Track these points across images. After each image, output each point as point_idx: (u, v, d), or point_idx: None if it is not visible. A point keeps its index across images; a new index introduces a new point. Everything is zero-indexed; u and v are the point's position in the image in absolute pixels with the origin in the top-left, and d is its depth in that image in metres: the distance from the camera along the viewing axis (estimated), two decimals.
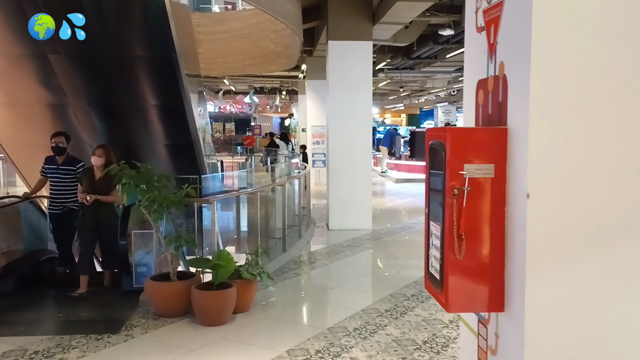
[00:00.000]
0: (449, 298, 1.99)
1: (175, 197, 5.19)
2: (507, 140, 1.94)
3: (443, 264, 2.00)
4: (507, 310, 1.99)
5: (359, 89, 9.00)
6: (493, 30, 2.06)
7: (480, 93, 2.18)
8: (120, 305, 5.32)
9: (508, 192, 1.95)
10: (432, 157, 2.12)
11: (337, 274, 6.64)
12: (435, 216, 2.10)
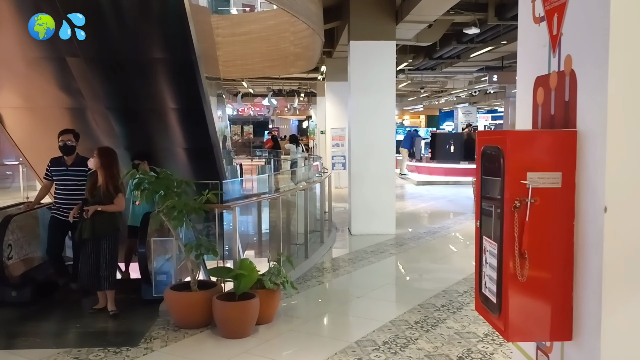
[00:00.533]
0: (508, 325, 1.75)
1: (196, 203, 5.00)
2: (577, 144, 1.69)
3: (501, 286, 1.76)
4: (576, 339, 1.74)
5: (381, 90, 8.76)
6: (556, 19, 1.82)
7: (539, 91, 1.94)
8: (139, 316, 5.14)
9: (578, 204, 1.70)
10: (486, 164, 1.88)
11: (361, 282, 6.40)
12: (490, 231, 1.86)
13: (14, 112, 8.08)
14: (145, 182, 4.96)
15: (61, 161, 5.71)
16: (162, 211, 4.91)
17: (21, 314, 5.15)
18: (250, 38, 13.96)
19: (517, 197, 1.68)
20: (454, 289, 5.97)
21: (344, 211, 11.08)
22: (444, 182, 16.99)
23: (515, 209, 1.68)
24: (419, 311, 5.20)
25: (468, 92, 24.42)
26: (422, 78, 18.93)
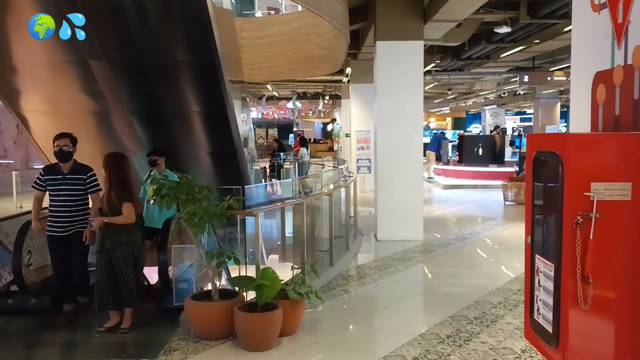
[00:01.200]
0: None
1: (217, 209, 4.83)
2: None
3: (559, 314, 1.52)
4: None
5: (408, 92, 8.50)
6: (622, 6, 1.57)
7: (600, 88, 1.69)
8: (159, 325, 4.99)
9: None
10: (539, 172, 1.64)
11: (389, 291, 6.14)
12: (544, 249, 1.62)
13: (39, 117, 8.07)
14: (165, 187, 4.80)
15: (56, 169, 5.06)
16: (183, 217, 4.75)
17: (40, 323, 5.04)
18: (274, 40, 13.86)
19: (579, 211, 1.44)
20: (486, 299, 5.68)
21: (369, 216, 10.83)
22: (472, 185, 16.62)
23: (577, 225, 1.44)
24: (450, 324, 4.94)
25: (496, 94, 23.92)
26: (449, 79, 18.55)
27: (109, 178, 4.75)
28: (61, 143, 5.03)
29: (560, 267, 1.49)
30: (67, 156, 5.04)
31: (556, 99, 24.67)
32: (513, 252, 8.18)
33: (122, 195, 4.71)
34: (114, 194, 4.70)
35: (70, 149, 5.06)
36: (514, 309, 5.37)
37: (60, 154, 5.01)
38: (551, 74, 15.30)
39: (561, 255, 1.48)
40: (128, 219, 4.74)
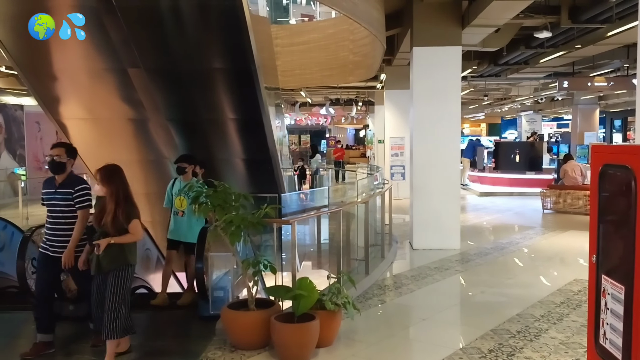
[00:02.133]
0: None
1: (254, 218, 4.79)
2: None
3: (631, 340, 1.41)
4: None
5: (446, 98, 8.35)
6: None
7: None
8: (195, 334, 4.98)
9: None
10: (606, 186, 1.54)
11: (426, 302, 6.01)
12: (612, 269, 1.51)
13: (78, 124, 8.20)
14: (202, 195, 4.79)
15: (52, 182, 4.56)
16: (220, 226, 4.73)
17: (78, 330, 5.08)
18: (309, 47, 13.87)
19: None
20: (529, 312, 5.49)
21: (403, 223, 10.68)
22: (508, 193, 16.27)
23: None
24: (492, 337, 4.78)
25: (533, 100, 23.43)
26: (485, 85, 18.23)
27: (115, 194, 4.14)
28: (54, 153, 4.53)
29: (632, 290, 1.37)
30: (58, 167, 4.50)
31: (595, 105, 24.03)
32: (553, 262, 7.93)
33: (130, 212, 4.19)
34: (121, 212, 4.13)
35: (62, 160, 4.51)
36: (557, 323, 5.18)
37: (51, 165, 4.52)
38: (592, 80, 14.89)
39: (634, 277, 1.37)
40: (136, 237, 4.28)
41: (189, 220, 5.72)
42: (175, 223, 5.87)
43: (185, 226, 5.77)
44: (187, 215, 5.72)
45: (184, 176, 5.89)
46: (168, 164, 8.57)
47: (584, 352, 4.44)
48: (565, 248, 8.79)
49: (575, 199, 12.37)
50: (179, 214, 5.80)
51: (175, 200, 5.85)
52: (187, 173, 5.88)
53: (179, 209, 5.81)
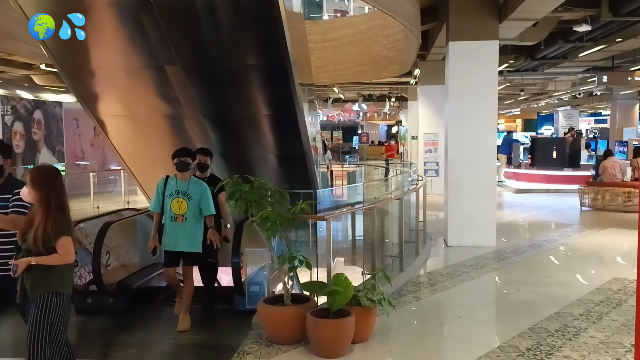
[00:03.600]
0: None
1: (289, 214, 4.83)
2: None
3: None
4: None
5: (482, 93, 8.22)
6: None
7: None
8: (231, 328, 5.05)
9: None
10: None
11: (462, 299, 5.95)
12: None
13: (116, 120, 8.36)
14: (239, 191, 4.84)
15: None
16: (256, 221, 4.78)
17: (117, 323, 5.21)
18: (342, 43, 13.83)
19: None
20: (567, 311, 5.39)
21: (437, 220, 10.60)
22: (544, 190, 15.95)
23: None
24: (529, 336, 4.71)
25: (571, 95, 22.87)
26: (522, 80, 17.86)
27: (45, 201, 3.26)
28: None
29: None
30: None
31: (635, 100, 23.31)
32: (591, 261, 7.76)
33: (60, 226, 3.25)
34: (51, 225, 3.23)
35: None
36: (597, 322, 5.07)
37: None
38: (632, 74, 14.43)
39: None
40: (65, 258, 3.28)
41: (193, 226, 5.05)
42: (172, 231, 5.02)
43: (187, 234, 5.03)
44: (190, 221, 5.03)
45: (182, 174, 5.09)
46: None
47: (624, 351, 4.34)
48: (604, 246, 8.58)
49: (614, 196, 12.06)
50: (177, 220, 4.98)
51: (171, 203, 5.01)
52: (189, 171, 5.13)
53: (177, 213, 4.99)
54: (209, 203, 5.14)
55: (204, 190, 5.16)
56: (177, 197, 5.03)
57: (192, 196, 5.07)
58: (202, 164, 5.54)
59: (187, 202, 5.02)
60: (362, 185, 7.26)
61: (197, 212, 5.10)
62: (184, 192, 5.05)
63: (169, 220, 5.04)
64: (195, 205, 5.08)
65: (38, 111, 16.35)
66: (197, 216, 5.12)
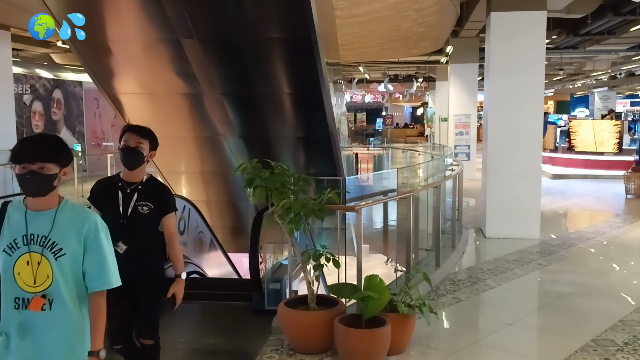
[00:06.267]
0: None
1: (315, 204, 4.21)
2: None
3: None
4: None
5: (527, 70, 7.44)
6: None
7: None
8: (249, 331, 4.49)
9: None
10: None
11: (510, 301, 5.28)
12: None
13: (130, 99, 7.89)
14: (258, 177, 4.24)
15: None
16: (277, 212, 4.18)
17: None
18: (369, 19, 13.05)
19: None
20: (633, 318, 4.69)
21: (469, 208, 9.89)
22: (582, 175, 15.06)
23: None
24: (595, 350, 4.03)
25: (610, 75, 21.68)
26: (560, 58, 16.83)
27: None
28: None
29: None
30: None
31: None
32: None
33: None
34: None
35: None
36: None
37: None
38: None
39: None
40: None
41: (65, 322, 2.17)
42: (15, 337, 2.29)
43: (49, 344, 2.15)
44: (59, 310, 2.45)
45: (36, 200, 2.14)
46: (223, 141, 8.15)
47: None
48: None
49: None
50: (29, 307, 2.05)
51: (14, 265, 2.08)
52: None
53: (29, 289, 2.06)
54: (103, 262, 2.17)
55: (94, 227, 2.17)
56: (25, 250, 2.10)
57: (61, 245, 2.11)
58: (131, 149, 3.06)
59: (52, 262, 2.09)
60: (395, 172, 6.58)
61: (76, 286, 2.16)
62: (42, 239, 2.10)
63: (8, 308, 2.13)
64: (72, 269, 2.14)
65: (58, 90, 15.98)
66: (75, 297, 2.15)
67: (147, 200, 3.07)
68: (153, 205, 3.07)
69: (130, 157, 3.08)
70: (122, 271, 2.22)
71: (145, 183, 3.14)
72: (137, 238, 3.05)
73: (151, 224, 3.10)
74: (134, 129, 3.23)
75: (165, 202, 3.16)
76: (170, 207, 3.18)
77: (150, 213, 3.06)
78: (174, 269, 3.15)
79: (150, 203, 3.07)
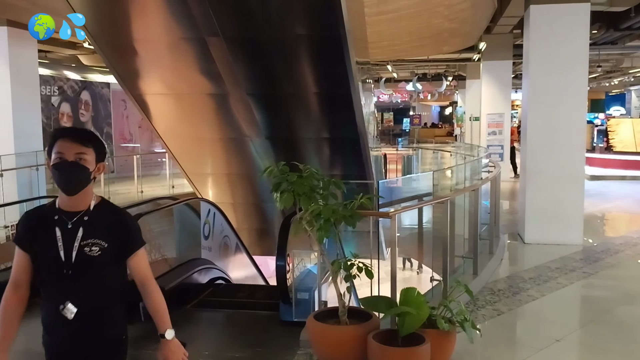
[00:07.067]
0: None
1: (346, 210, 3.92)
2: None
3: None
4: None
5: (570, 66, 7.03)
6: None
7: None
8: (277, 344, 4.23)
9: None
10: None
11: (555, 315, 4.90)
12: None
13: (155, 99, 7.76)
14: (285, 182, 3.97)
15: None
16: (305, 219, 3.90)
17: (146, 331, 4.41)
18: (398, 16, 12.73)
19: None
20: None
21: (504, 211, 9.44)
22: (620, 176, 14.44)
23: None
24: None
25: None
26: (599, 55, 16.15)
27: None
28: None
29: None
30: None
31: None
32: None
33: None
34: None
35: None
36: None
37: None
38: None
39: None
40: None
41: None
42: None
43: None
44: None
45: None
46: (249, 142, 7.95)
47: None
48: None
49: None
50: None
51: None
52: None
53: None
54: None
55: None
56: None
57: None
58: (69, 164, 2.11)
59: None
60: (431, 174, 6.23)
61: None
62: None
63: None
64: None
65: (85, 92, 16.02)
66: None
67: (99, 237, 2.12)
68: (107, 242, 2.13)
69: (68, 175, 2.10)
70: (67, 339, 1.81)
71: (94, 211, 2.16)
72: (89, 294, 2.13)
73: (108, 270, 2.16)
74: (70, 135, 2.15)
75: (126, 235, 2.20)
76: (135, 241, 2.23)
77: (104, 254, 2.12)
78: (157, 327, 2.31)
79: (102, 240, 2.12)
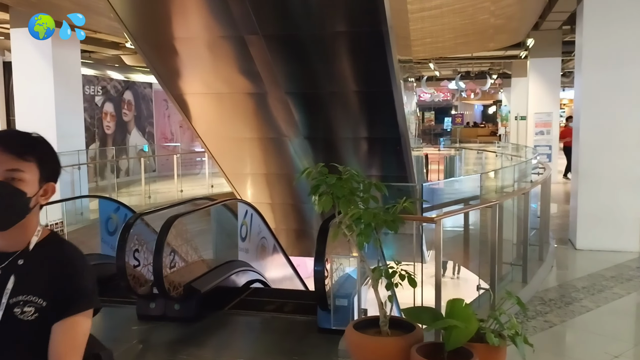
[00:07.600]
0: None
1: (388, 214, 3.71)
2: None
3: None
4: None
5: (629, 61, 6.61)
6: None
7: None
8: (315, 352, 4.07)
9: None
10: None
11: (611, 327, 4.57)
12: None
13: (194, 99, 7.74)
14: (323, 184, 3.79)
15: None
16: (344, 223, 3.71)
17: (181, 335, 4.37)
18: (441, 12, 12.41)
19: None
20: None
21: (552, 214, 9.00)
22: None
23: None
24: None
25: None
26: None
27: None
28: None
29: None
30: None
31: None
32: None
33: None
34: None
35: None
36: None
37: None
38: None
39: None
40: None
41: None
42: None
43: None
44: None
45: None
46: (288, 142, 7.83)
47: None
48: None
49: None
50: None
51: None
52: None
53: None
54: None
55: None
56: None
57: None
58: None
59: None
60: (478, 177, 5.94)
61: None
62: None
63: None
64: None
65: (128, 92, 16.27)
66: None
67: (36, 292, 1.43)
68: (47, 299, 1.43)
69: None
70: None
71: (34, 252, 1.48)
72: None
73: (46, 340, 1.44)
74: (2, 142, 1.45)
75: (72, 289, 1.47)
76: (78, 299, 1.47)
77: (41, 318, 1.42)
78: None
79: (39, 297, 1.43)
